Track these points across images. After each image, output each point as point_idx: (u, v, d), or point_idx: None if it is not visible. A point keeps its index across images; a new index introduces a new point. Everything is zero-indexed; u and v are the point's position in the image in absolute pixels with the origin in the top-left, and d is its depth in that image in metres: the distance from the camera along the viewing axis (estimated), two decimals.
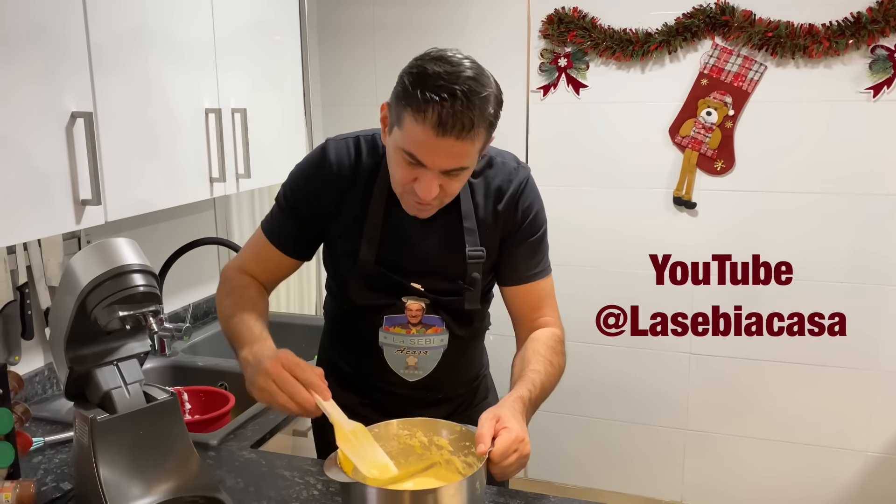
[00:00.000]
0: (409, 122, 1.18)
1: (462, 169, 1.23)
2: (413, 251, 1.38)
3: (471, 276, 1.39)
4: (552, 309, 1.48)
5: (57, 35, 1.41)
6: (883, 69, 2.49)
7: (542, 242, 1.46)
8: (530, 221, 1.42)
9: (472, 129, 1.17)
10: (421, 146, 1.19)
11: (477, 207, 1.39)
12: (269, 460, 1.51)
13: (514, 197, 1.40)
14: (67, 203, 1.45)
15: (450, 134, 1.16)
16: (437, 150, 1.18)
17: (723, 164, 2.72)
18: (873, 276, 2.63)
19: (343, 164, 1.38)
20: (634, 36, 2.70)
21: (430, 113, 1.15)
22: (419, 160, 1.20)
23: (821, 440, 2.78)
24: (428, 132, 1.16)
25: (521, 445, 1.17)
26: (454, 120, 1.15)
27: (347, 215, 1.38)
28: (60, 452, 1.54)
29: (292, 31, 2.29)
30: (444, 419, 1.32)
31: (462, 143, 1.18)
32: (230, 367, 2.08)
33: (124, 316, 1.20)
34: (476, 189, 1.39)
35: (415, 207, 1.30)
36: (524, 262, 1.44)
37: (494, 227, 1.40)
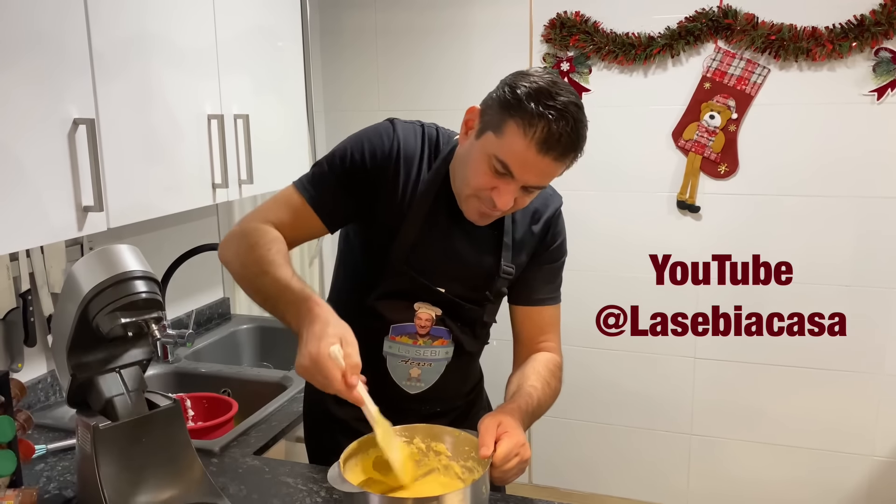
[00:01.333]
0: (513, 132, 1.17)
1: (542, 188, 1.26)
2: (447, 254, 1.37)
3: (499, 290, 1.41)
4: (556, 336, 1.49)
5: (59, 41, 1.41)
6: (887, 71, 2.49)
7: (561, 270, 1.49)
8: (557, 247, 1.45)
9: (573, 153, 1.20)
10: (518, 158, 1.18)
11: (515, 225, 1.40)
12: (272, 467, 1.50)
13: (548, 221, 1.43)
14: (70, 210, 1.45)
15: (551, 153, 1.17)
16: (533, 166, 1.19)
17: (726, 167, 2.72)
18: (878, 279, 2.62)
19: (409, 146, 1.34)
20: (637, 40, 2.70)
21: (540, 128, 1.15)
22: (510, 171, 1.20)
23: (826, 444, 2.77)
24: (531, 146, 1.17)
25: (521, 450, 1.19)
26: (560, 141, 1.16)
27: (393, 199, 1.33)
28: (63, 460, 1.54)
29: (294, 37, 2.29)
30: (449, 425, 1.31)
31: (556, 165, 1.20)
32: (233, 374, 2.07)
33: (126, 323, 1.20)
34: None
35: (478, 214, 1.29)
36: (542, 285, 1.45)
37: (527, 248, 1.42)
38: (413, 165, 1.34)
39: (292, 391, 1.89)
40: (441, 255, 1.36)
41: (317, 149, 3.06)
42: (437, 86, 2.98)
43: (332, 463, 1.17)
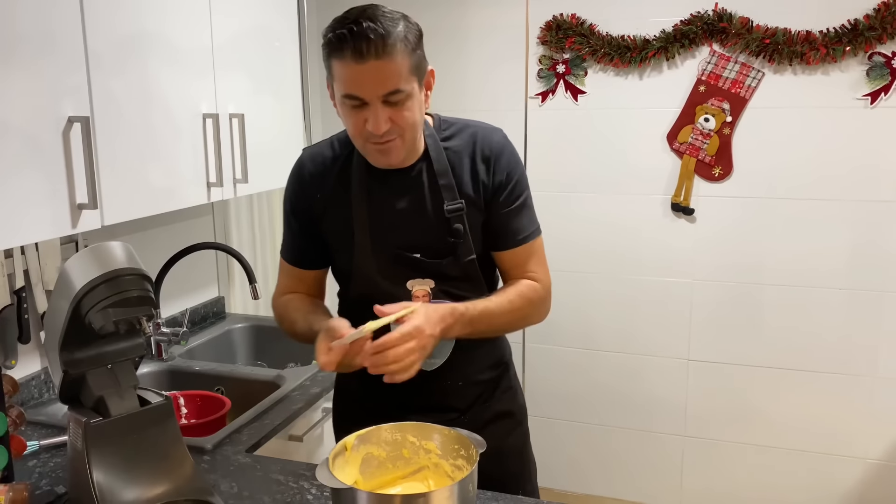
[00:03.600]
0: (336, 66, 1.29)
1: (398, 92, 1.29)
2: (399, 222, 1.43)
3: (453, 227, 1.42)
4: (538, 265, 1.51)
5: (54, 40, 1.41)
6: (880, 76, 2.50)
7: (524, 207, 1.49)
8: (512, 187, 1.46)
9: (386, 44, 1.25)
10: (352, 81, 1.28)
11: (453, 166, 1.44)
12: (263, 465, 1.51)
13: (487, 160, 1.45)
14: (64, 207, 1.45)
15: (368, 56, 1.25)
16: (366, 77, 1.27)
17: (721, 170, 2.73)
18: (872, 282, 2.63)
19: (318, 166, 1.49)
20: (632, 42, 2.71)
21: (346, 46, 1.26)
22: (357, 96, 1.29)
23: (819, 447, 2.78)
24: (349, 63, 1.26)
25: (418, 336, 1.25)
26: (367, 42, 1.24)
27: (335, 209, 1.46)
28: (55, 456, 1.55)
29: (291, 37, 2.29)
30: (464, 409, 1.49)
31: (384, 63, 1.26)
32: (227, 372, 2.08)
33: (118, 320, 1.20)
34: (451, 149, 1.45)
35: (377, 153, 1.36)
36: (510, 227, 1.47)
37: (475, 183, 1.44)
38: (332, 174, 1.48)
39: (285, 390, 1.90)
40: (396, 224, 1.43)
41: None
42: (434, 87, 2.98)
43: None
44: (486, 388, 1.57)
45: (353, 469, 1.22)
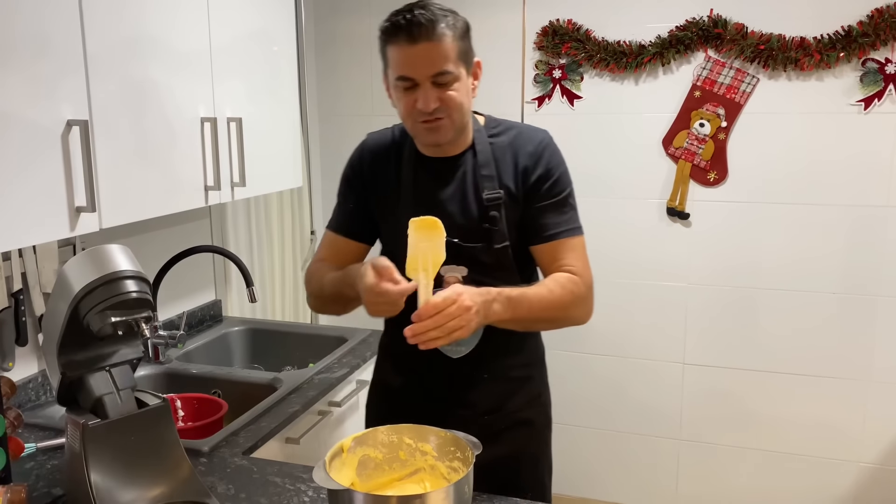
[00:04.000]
0: (391, 51, 1.41)
1: (446, 73, 1.39)
2: (441, 207, 1.49)
3: (490, 214, 1.48)
4: (578, 260, 1.52)
5: (53, 43, 1.42)
6: (874, 82, 2.52)
7: (566, 203, 1.53)
8: (553, 182, 1.52)
9: (436, 28, 1.37)
10: (403, 63, 1.40)
11: (497, 159, 1.52)
12: (260, 467, 1.51)
13: (533, 155, 1.52)
14: (62, 210, 1.46)
15: (420, 39, 1.36)
16: (417, 59, 1.38)
17: (716, 175, 2.74)
18: (865, 286, 2.65)
19: (378, 148, 1.61)
20: (628, 48, 2.73)
21: (400, 31, 1.38)
22: (408, 76, 1.40)
23: (814, 450, 2.79)
24: (402, 46, 1.38)
25: (459, 300, 1.27)
26: (419, 26, 1.36)
27: (386, 191, 1.57)
28: (52, 458, 1.55)
29: (289, 42, 2.31)
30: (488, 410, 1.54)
31: (434, 45, 1.37)
32: (223, 375, 2.09)
33: (116, 322, 1.21)
34: (496, 145, 1.54)
35: (425, 132, 1.45)
36: (549, 220, 1.51)
37: (512, 179, 1.51)
38: (386, 151, 1.59)
39: (282, 392, 1.90)
40: (438, 209, 1.46)
41: (310, 153, 3.08)
42: None
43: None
44: (513, 389, 1.59)
45: (350, 471, 1.23)
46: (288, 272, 2.94)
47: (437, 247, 1.30)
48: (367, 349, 2.26)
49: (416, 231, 1.31)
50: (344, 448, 1.22)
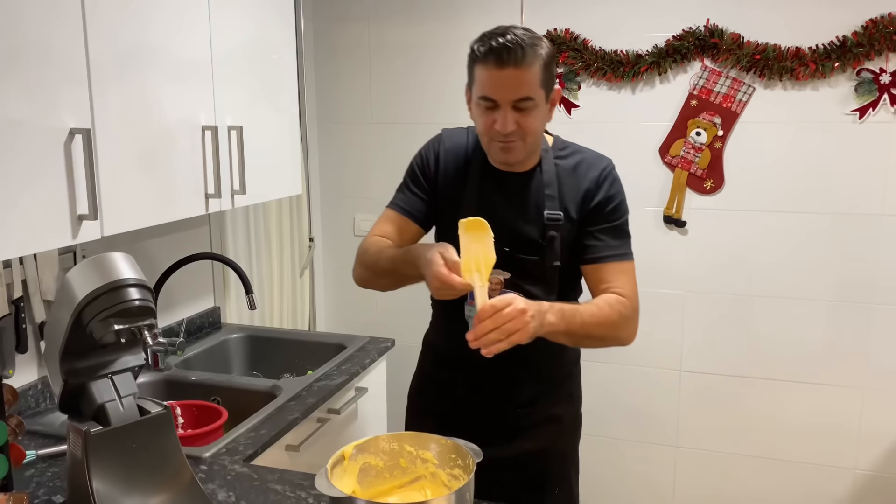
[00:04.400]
0: (479, 71, 1.48)
1: (528, 100, 1.45)
2: (501, 215, 1.56)
3: (548, 234, 1.57)
4: (626, 284, 1.59)
5: (57, 52, 1.43)
6: (868, 92, 2.54)
7: (622, 229, 1.62)
8: (612, 208, 1.60)
9: (525, 56, 1.42)
10: (489, 84, 1.46)
11: (561, 182, 1.60)
12: (260, 474, 1.52)
13: (596, 181, 1.59)
14: (64, 218, 1.47)
15: (508, 64, 1.42)
16: (502, 83, 1.44)
17: (712, 183, 2.76)
18: (861, 294, 2.67)
19: (453, 146, 1.68)
20: (625, 57, 2.75)
21: (490, 53, 1.44)
22: (491, 97, 1.46)
23: (810, 457, 2.80)
24: (491, 69, 1.44)
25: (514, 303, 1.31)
26: (508, 52, 1.42)
27: (453, 188, 1.65)
28: (53, 465, 1.55)
29: (289, 50, 2.32)
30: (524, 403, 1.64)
31: (521, 72, 1.43)
32: (222, 382, 2.09)
33: (119, 329, 1.22)
34: (561, 167, 1.61)
35: (499, 151, 1.53)
36: (603, 244, 1.59)
37: (574, 202, 1.59)
38: (459, 152, 1.67)
39: (281, 400, 1.91)
40: (497, 216, 1.52)
41: (309, 161, 3.09)
42: (429, 99, 3.02)
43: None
44: (546, 388, 1.68)
45: (351, 478, 1.24)
46: (286, 279, 2.95)
47: (488, 248, 1.36)
48: (365, 356, 2.27)
49: (466, 232, 1.35)
50: (345, 456, 1.23)
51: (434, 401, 1.76)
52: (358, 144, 3.16)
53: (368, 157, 3.14)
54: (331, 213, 3.27)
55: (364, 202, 3.19)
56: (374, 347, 2.36)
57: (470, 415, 1.68)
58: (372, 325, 3.19)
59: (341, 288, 3.30)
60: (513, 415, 1.67)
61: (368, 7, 3.05)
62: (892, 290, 2.63)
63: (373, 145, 3.12)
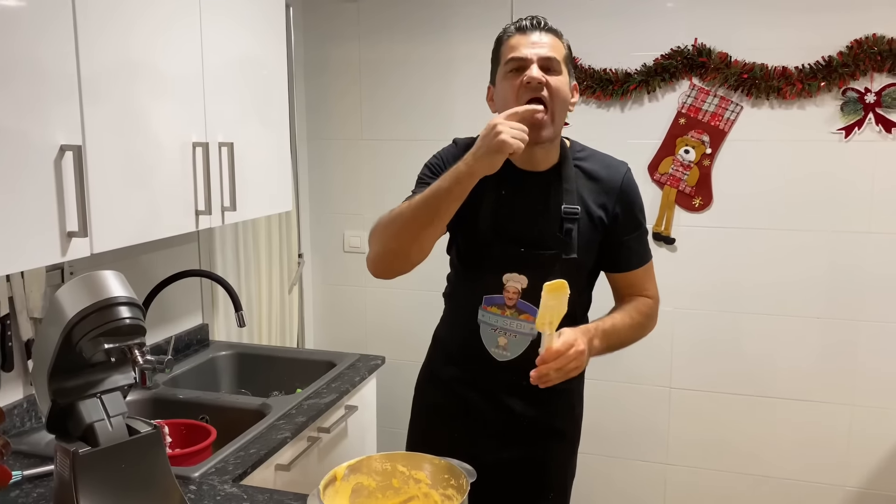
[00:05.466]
0: (504, 49, 1.55)
1: (554, 60, 1.51)
2: (521, 212, 1.61)
3: (565, 227, 1.58)
4: (651, 285, 1.71)
5: (48, 68, 1.42)
6: (854, 111, 2.57)
7: (643, 236, 1.69)
8: (634, 216, 1.66)
9: (550, 25, 1.54)
10: (516, 48, 1.52)
11: (580, 179, 1.62)
12: (250, 494, 1.50)
13: (618, 191, 1.63)
14: (54, 235, 1.45)
15: (533, 30, 1.52)
16: (528, 44, 1.51)
17: (701, 200, 2.78)
18: (848, 311, 2.69)
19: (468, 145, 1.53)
20: (614, 76, 2.77)
21: (512, 28, 1.55)
22: (519, 56, 1.50)
23: (800, 474, 2.81)
24: (515, 37, 1.53)
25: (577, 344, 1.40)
26: (531, 21, 1.53)
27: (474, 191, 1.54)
28: (38, 486, 1.53)
29: (280, 67, 2.32)
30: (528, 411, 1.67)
31: (546, 35, 1.53)
32: (211, 400, 2.07)
33: (110, 348, 1.21)
34: (581, 167, 1.64)
35: (531, 117, 1.45)
36: (629, 254, 1.66)
37: (596, 203, 1.61)
38: None
39: (271, 418, 1.89)
40: (517, 218, 1.60)
41: (299, 177, 3.09)
42: (419, 116, 3.03)
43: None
44: (548, 397, 1.64)
45: (343, 499, 1.22)
46: (275, 296, 2.93)
47: (562, 304, 1.39)
48: (355, 374, 2.26)
49: (548, 293, 1.37)
50: (337, 476, 1.22)
51: (438, 395, 1.79)
52: (348, 161, 3.16)
53: (358, 174, 3.14)
54: (320, 230, 3.26)
55: (354, 219, 3.19)
56: (363, 365, 2.34)
57: (471, 413, 1.72)
58: (361, 343, 3.18)
59: (330, 305, 3.29)
60: (513, 419, 1.70)
61: (359, 24, 3.06)
62: (879, 307, 2.66)
63: (363, 162, 3.12)
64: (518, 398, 1.68)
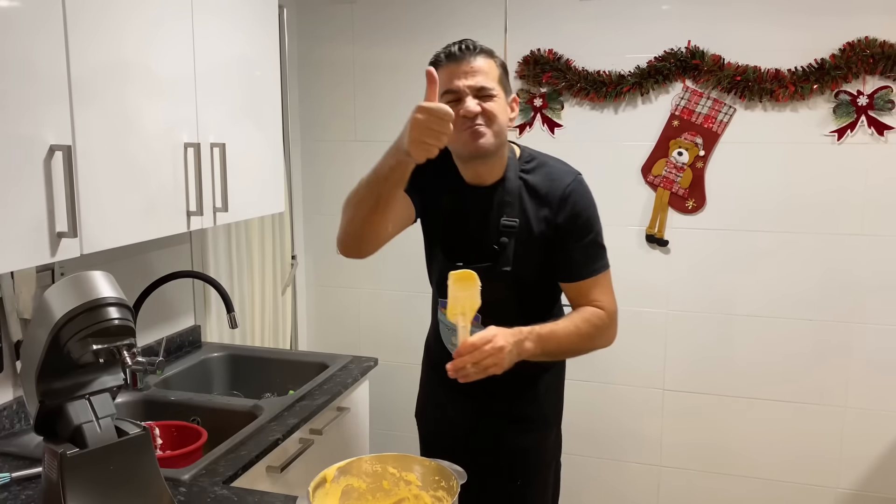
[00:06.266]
0: (441, 74, 1.54)
1: (487, 89, 1.56)
2: (464, 232, 1.69)
3: (500, 240, 1.63)
4: (605, 295, 1.68)
5: (38, 68, 1.41)
6: (846, 113, 2.58)
7: (594, 245, 1.67)
8: (580, 225, 1.65)
9: (479, 50, 1.58)
10: (449, 80, 1.57)
11: (523, 193, 1.65)
12: (241, 496, 1.49)
13: (560, 199, 1.64)
14: (43, 236, 1.44)
15: (461, 58, 1.57)
16: (461, 75, 1.56)
17: (694, 202, 2.78)
18: (840, 313, 2.69)
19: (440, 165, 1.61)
20: (608, 78, 2.77)
21: (443, 56, 1.60)
22: (453, 89, 1.56)
23: (792, 476, 2.81)
24: (445, 66, 1.58)
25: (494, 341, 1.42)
26: (460, 49, 1.58)
27: (432, 198, 1.72)
28: (27, 489, 1.52)
29: (272, 68, 2.31)
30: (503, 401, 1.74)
31: (474, 62, 1.57)
32: (202, 402, 2.06)
33: (98, 349, 1.20)
34: (526, 179, 1.67)
35: (470, 137, 1.57)
36: (579, 262, 1.66)
37: (537, 215, 1.64)
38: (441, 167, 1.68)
39: (262, 420, 1.88)
40: (461, 232, 1.69)
41: (293, 178, 3.08)
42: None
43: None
44: (521, 390, 1.76)
45: (333, 501, 1.22)
46: (268, 297, 2.92)
47: (473, 296, 1.42)
48: (347, 376, 2.25)
49: (455, 283, 1.41)
50: (327, 478, 1.21)
51: (422, 393, 1.96)
52: (341, 162, 3.15)
53: (351, 176, 3.10)
54: (313, 231, 3.25)
55: None
56: (356, 367, 2.34)
57: (454, 415, 1.84)
58: (354, 344, 3.17)
59: (323, 306, 3.28)
60: (477, 410, 1.79)
61: (353, 25, 3.06)
62: (871, 309, 2.66)
63: (356, 163, 3.12)
64: (481, 390, 1.66)
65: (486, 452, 1.78)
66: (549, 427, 1.87)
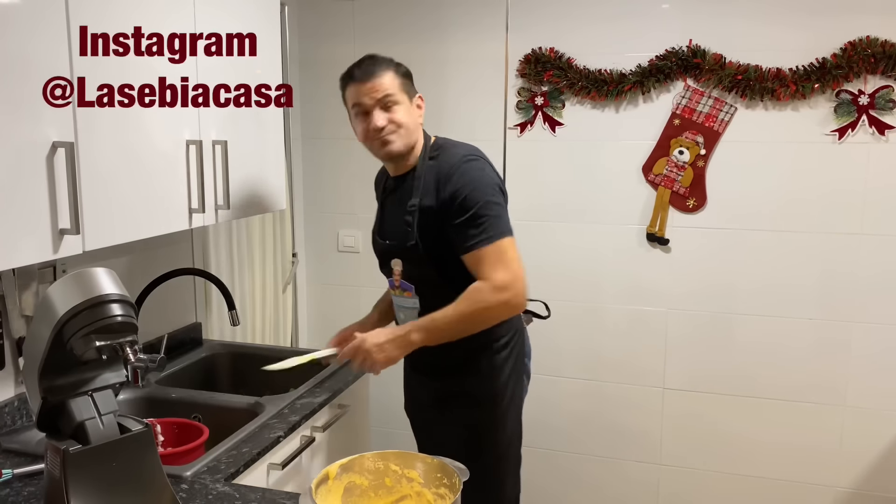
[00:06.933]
0: (348, 91, 1.85)
1: (390, 96, 1.80)
2: (389, 216, 1.95)
3: (405, 218, 1.83)
4: (490, 267, 1.72)
5: (40, 65, 1.42)
6: (847, 113, 2.58)
7: (478, 218, 1.74)
8: (461, 203, 1.75)
9: (377, 67, 1.81)
10: (355, 97, 1.82)
11: (425, 177, 1.84)
12: (242, 493, 1.50)
13: (444, 180, 1.79)
14: (46, 232, 1.44)
15: (365, 79, 1.80)
16: (365, 92, 1.80)
17: (695, 201, 2.79)
18: (840, 312, 2.69)
19: (380, 173, 2.10)
20: (609, 76, 2.77)
21: (349, 78, 1.83)
22: (359, 103, 1.81)
23: (791, 475, 2.81)
24: (353, 87, 1.82)
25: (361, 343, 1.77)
26: (362, 69, 1.81)
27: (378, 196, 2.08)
28: (29, 485, 1.52)
29: (274, 66, 2.31)
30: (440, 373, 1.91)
31: (377, 80, 1.80)
32: (204, 399, 2.06)
33: (101, 346, 1.20)
34: (429, 164, 1.85)
35: (381, 146, 1.83)
36: (463, 235, 1.75)
37: (429, 192, 1.81)
38: (379, 180, 2.09)
39: (264, 417, 1.89)
40: (385, 212, 1.99)
41: (294, 176, 3.08)
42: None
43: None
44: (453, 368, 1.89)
45: (336, 498, 1.22)
46: (269, 295, 2.92)
47: None
48: (348, 373, 2.25)
49: None
50: (330, 475, 1.22)
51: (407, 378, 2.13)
52: (342, 160, 3.15)
53: (352, 174, 3.14)
54: (314, 229, 3.25)
55: (347, 218, 3.18)
56: None
57: (418, 393, 2.06)
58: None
59: (324, 304, 3.28)
60: (431, 390, 1.96)
61: (354, 23, 3.06)
62: (871, 308, 2.67)
63: (357, 161, 3.11)
64: (431, 367, 1.94)
65: (441, 431, 1.95)
66: (494, 405, 1.91)
